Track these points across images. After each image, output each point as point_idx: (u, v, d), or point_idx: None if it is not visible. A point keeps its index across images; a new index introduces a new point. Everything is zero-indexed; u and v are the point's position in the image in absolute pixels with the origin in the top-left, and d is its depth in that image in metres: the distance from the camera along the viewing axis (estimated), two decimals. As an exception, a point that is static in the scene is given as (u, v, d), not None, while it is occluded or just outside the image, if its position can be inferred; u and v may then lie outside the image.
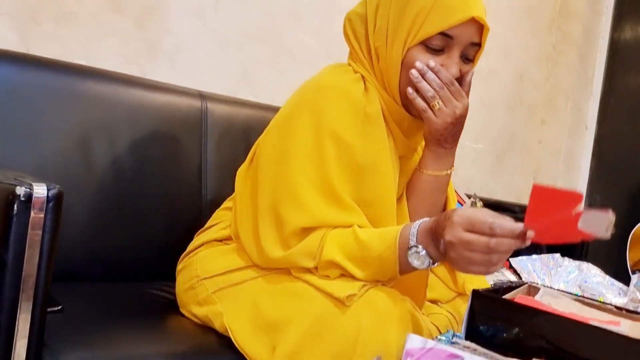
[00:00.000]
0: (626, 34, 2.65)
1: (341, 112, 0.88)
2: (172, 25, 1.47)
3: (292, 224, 0.85)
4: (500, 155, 2.44)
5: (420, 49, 0.89)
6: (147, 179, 1.19)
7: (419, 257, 0.79)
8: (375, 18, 0.93)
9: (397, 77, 0.91)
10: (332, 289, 0.80)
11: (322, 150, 0.87)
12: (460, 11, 0.86)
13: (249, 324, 0.85)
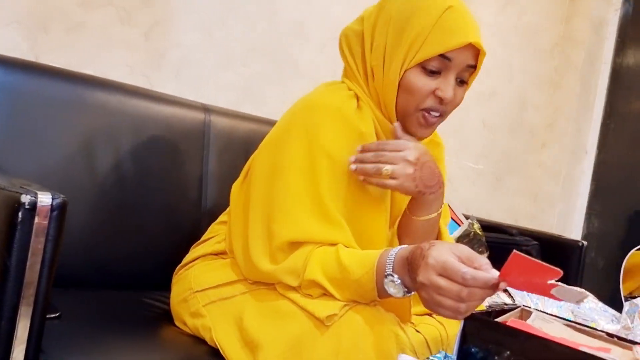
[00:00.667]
0: (629, 60, 2.67)
1: (334, 130, 0.89)
2: (179, 38, 1.49)
3: (281, 238, 0.86)
4: (500, 176, 2.46)
5: (417, 71, 0.89)
6: (149, 189, 1.21)
7: (394, 286, 0.78)
8: (372, 36, 0.93)
9: (394, 98, 0.92)
10: (313, 309, 0.80)
11: (314, 167, 0.87)
12: (459, 35, 0.87)
13: (235, 340, 0.86)
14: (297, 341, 0.79)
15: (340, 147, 0.89)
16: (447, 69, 0.90)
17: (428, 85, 0.90)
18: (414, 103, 0.91)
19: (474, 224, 1.50)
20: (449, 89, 0.90)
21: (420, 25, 0.88)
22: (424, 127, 0.94)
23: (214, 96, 1.56)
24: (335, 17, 1.79)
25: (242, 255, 0.93)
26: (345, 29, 0.99)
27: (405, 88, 0.90)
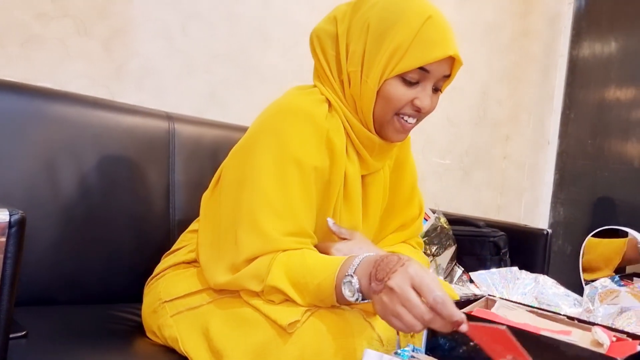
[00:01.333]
0: (584, 51, 2.75)
1: (304, 136, 0.89)
2: (139, 47, 1.48)
3: (248, 252, 0.85)
4: (466, 170, 2.50)
5: (397, 81, 0.90)
6: (115, 201, 1.20)
7: (351, 288, 0.76)
8: (348, 41, 0.92)
9: (372, 106, 0.92)
10: (275, 316, 0.80)
11: (285, 175, 0.87)
12: (440, 48, 0.88)
13: (201, 350, 0.85)
14: (262, 349, 0.79)
15: (309, 153, 0.89)
16: (426, 80, 0.91)
17: (407, 95, 0.91)
18: (391, 111, 0.92)
19: (441, 218, 1.53)
20: (427, 99, 0.92)
21: (400, 37, 0.88)
22: (400, 133, 0.95)
23: (178, 104, 1.55)
24: (297, 21, 1.81)
25: (207, 263, 0.93)
26: (317, 29, 0.98)
27: (383, 96, 0.91)
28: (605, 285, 0.91)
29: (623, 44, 2.91)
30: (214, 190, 1.02)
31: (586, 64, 2.75)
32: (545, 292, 0.96)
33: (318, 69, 0.98)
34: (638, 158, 3.13)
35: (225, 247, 0.89)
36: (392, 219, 1.10)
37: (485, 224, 1.62)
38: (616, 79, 2.92)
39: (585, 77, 2.74)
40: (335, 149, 0.92)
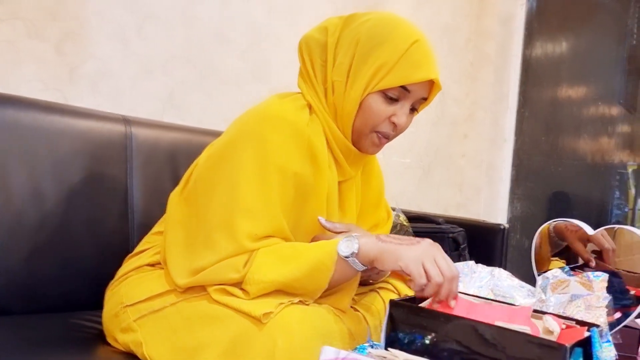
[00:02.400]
0: (537, 51, 2.85)
1: (285, 142, 0.91)
2: (93, 49, 1.46)
3: (219, 255, 0.86)
4: (426, 169, 2.55)
5: (378, 96, 0.94)
6: (70, 207, 1.17)
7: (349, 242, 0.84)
8: (336, 52, 0.96)
9: (352, 117, 0.96)
10: (248, 309, 0.81)
11: (265, 180, 0.88)
12: (423, 71, 0.93)
13: (169, 353, 0.85)
14: (234, 342, 0.79)
15: (291, 160, 0.91)
16: (405, 98, 0.95)
17: (386, 110, 0.95)
18: (370, 125, 0.96)
19: (400, 216, 1.56)
20: (404, 117, 0.96)
21: (387, 55, 0.92)
22: (375, 147, 1.00)
23: (135, 107, 1.53)
24: (255, 22, 1.81)
25: (175, 263, 0.92)
26: (307, 36, 1.01)
27: (364, 109, 0.95)
28: (556, 275, 0.95)
29: (573, 44, 3.03)
30: (183, 190, 1.01)
31: (539, 63, 2.85)
32: (500, 285, 0.99)
33: (303, 72, 1.01)
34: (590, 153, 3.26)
35: (197, 248, 0.89)
36: (363, 222, 1.13)
37: (445, 221, 1.66)
38: (567, 78, 3.04)
39: (538, 76, 2.83)
40: (317, 153, 0.94)
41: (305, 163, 0.93)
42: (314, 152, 0.94)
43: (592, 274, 0.92)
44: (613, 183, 3.54)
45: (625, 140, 3.59)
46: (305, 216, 0.95)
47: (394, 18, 0.97)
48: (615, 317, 0.94)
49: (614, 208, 3.59)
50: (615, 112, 3.42)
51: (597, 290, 0.90)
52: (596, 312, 0.88)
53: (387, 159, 2.34)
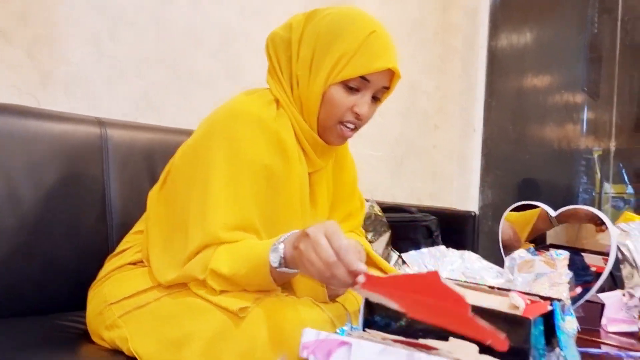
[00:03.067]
0: (502, 42, 2.92)
1: (254, 138, 0.93)
2: (66, 53, 1.46)
3: (192, 245, 0.88)
4: (399, 160, 2.60)
5: (339, 87, 0.96)
6: (49, 209, 1.18)
7: (276, 255, 0.81)
8: (299, 46, 0.99)
9: (317, 108, 0.98)
10: (225, 304, 0.84)
11: (235, 174, 0.91)
12: (381, 60, 0.95)
13: (154, 347, 0.87)
14: (216, 336, 0.82)
15: (261, 154, 0.94)
16: (366, 88, 0.98)
17: (347, 101, 0.97)
18: (334, 116, 0.98)
19: (374, 207, 1.60)
20: (365, 107, 0.98)
21: (346, 46, 0.94)
22: (340, 138, 1.02)
23: (110, 110, 1.54)
24: (226, 22, 1.82)
25: (158, 261, 0.95)
26: (273, 33, 1.04)
27: (327, 101, 0.97)
28: (522, 256, 1.01)
29: (537, 34, 3.11)
30: (162, 188, 1.04)
31: (504, 54, 2.93)
32: (470, 267, 1.04)
33: (270, 69, 1.04)
34: (557, 140, 3.36)
35: (177, 245, 0.92)
36: (337, 211, 1.16)
37: (418, 210, 1.71)
38: (532, 67, 3.12)
39: (504, 66, 2.91)
40: (286, 146, 0.97)
41: (275, 156, 0.96)
42: (282, 145, 0.97)
43: (555, 253, 0.98)
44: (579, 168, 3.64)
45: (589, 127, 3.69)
46: (279, 208, 0.98)
47: (353, 11, 1.00)
48: (577, 292, 1.00)
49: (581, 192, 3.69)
50: (579, 100, 3.52)
51: (560, 268, 0.96)
52: (559, 288, 0.94)
53: (360, 151, 2.38)
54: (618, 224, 1.14)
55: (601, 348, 0.98)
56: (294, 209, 1.00)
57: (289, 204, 0.99)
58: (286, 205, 0.99)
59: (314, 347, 0.62)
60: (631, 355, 0.95)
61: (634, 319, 1.08)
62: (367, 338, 0.65)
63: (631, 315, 1.08)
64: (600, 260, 1.09)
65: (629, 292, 1.08)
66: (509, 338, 0.69)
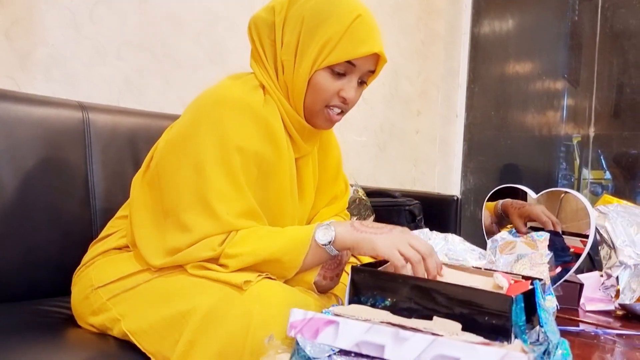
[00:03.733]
0: (485, 28, 2.94)
1: (243, 124, 0.93)
2: (45, 35, 1.43)
3: (200, 233, 0.88)
4: (382, 146, 2.61)
5: (326, 73, 0.96)
6: (31, 195, 1.17)
7: (325, 233, 0.87)
8: (283, 31, 0.98)
9: (303, 94, 0.98)
10: (228, 278, 0.84)
11: (228, 162, 0.91)
12: (367, 45, 0.95)
13: (148, 324, 0.88)
14: (211, 311, 0.82)
15: (250, 140, 0.93)
16: (352, 73, 0.98)
17: (334, 85, 0.97)
18: (320, 101, 0.98)
19: (359, 191, 1.61)
20: (352, 91, 0.99)
21: (331, 31, 0.94)
22: (328, 122, 1.02)
23: (91, 93, 1.52)
24: (208, 5, 1.80)
25: (147, 246, 0.94)
26: (255, 16, 1.02)
27: (313, 86, 0.97)
28: (503, 237, 1.02)
29: (518, 21, 3.13)
30: (145, 173, 1.03)
31: (487, 40, 2.94)
32: (454, 249, 1.06)
33: (254, 53, 1.03)
34: (538, 126, 3.40)
35: (170, 232, 0.91)
36: (322, 195, 1.17)
37: (401, 194, 1.73)
38: (514, 54, 3.14)
39: (486, 53, 2.93)
40: (275, 133, 0.97)
41: (265, 142, 0.96)
42: (271, 131, 0.96)
43: (536, 234, 1.00)
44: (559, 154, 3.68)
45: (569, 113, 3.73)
46: (270, 194, 0.98)
47: None
48: (556, 272, 1.02)
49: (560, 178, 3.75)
50: (560, 86, 3.56)
51: (540, 249, 0.98)
52: (540, 268, 0.96)
53: (344, 137, 2.39)
54: (597, 206, 1.16)
55: (579, 326, 1.01)
56: (285, 194, 1.00)
57: (280, 189, 0.99)
58: (277, 191, 0.99)
59: (301, 326, 0.63)
60: (608, 332, 0.97)
61: (610, 299, 1.11)
62: (353, 317, 0.66)
63: (608, 295, 1.11)
64: (578, 242, 1.11)
65: (607, 272, 1.11)
66: (492, 316, 0.71)
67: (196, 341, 0.81)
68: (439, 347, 0.58)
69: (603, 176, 3.48)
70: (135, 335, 0.89)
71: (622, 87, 2.78)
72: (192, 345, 0.82)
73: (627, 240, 1.08)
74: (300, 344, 0.62)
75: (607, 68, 3.00)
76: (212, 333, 0.81)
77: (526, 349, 0.61)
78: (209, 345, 0.81)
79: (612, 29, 2.88)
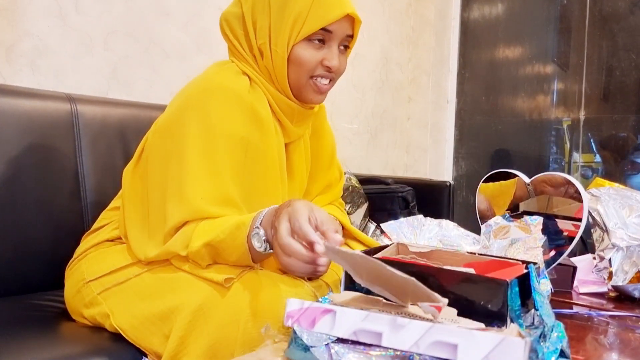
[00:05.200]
0: (474, 13, 2.93)
1: (229, 110, 0.92)
2: (30, 26, 1.41)
3: (174, 220, 0.87)
4: (373, 133, 2.61)
5: (304, 44, 0.96)
6: (20, 188, 1.15)
7: (258, 239, 0.82)
8: (254, 18, 0.97)
9: (285, 72, 0.97)
10: (210, 275, 0.84)
11: (212, 148, 0.90)
12: (337, 9, 0.95)
13: (138, 320, 0.87)
14: (202, 306, 0.82)
15: (236, 127, 0.92)
16: (330, 40, 0.97)
17: (315, 56, 0.97)
18: (305, 74, 0.98)
19: (352, 178, 1.61)
20: (334, 58, 0.98)
21: (301, 3, 0.94)
22: (317, 94, 1.01)
23: (78, 85, 1.50)
24: (195, -8, 1.78)
25: (139, 239, 0.94)
26: (225, 13, 1.02)
27: (294, 61, 0.96)
28: (497, 222, 1.03)
29: (508, 5, 3.12)
30: (137, 164, 1.02)
31: (476, 25, 2.93)
32: (448, 235, 1.06)
33: (231, 48, 1.02)
34: (528, 111, 3.41)
35: (156, 221, 0.91)
36: (315, 182, 1.16)
37: (394, 181, 1.73)
38: (504, 39, 3.14)
39: (476, 38, 2.92)
40: (262, 119, 0.96)
41: (252, 128, 0.95)
42: (258, 117, 0.96)
43: (529, 218, 1.00)
44: (550, 138, 3.70)
45: (559, 97, 3.75)
46: (257, 180, 0.98)
47: None
48: (550, 255, 1.03)
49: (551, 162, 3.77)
50: (550, 70, 3.57)
51: (534, 233, 0.98)
52: (534, 252, 0.96)
53: (335, 125, 2.38)
54: (589, 189, 1.17)
55: (573, 308, 1.02)
56: (273, 180, 1.00)
57: (268, 175, 0.99)
58: (265, 177, 0.98)
59: (298, 315, 0.63)
60: (601, 314, 0.98)
61: (603, 281, 1.12)
62: (350, 305, 0.66)
63: (601, 277, 1.11)
64: (571, 225, 1.12)
65: (599, 254, 1.11)
66: (487, 300, 0.71)
67: (187, 337, 0.81)
68: (437, 333, 0.58)
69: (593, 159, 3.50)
70: (126, 332, 0.89)
71: (611, 70, 2.79)
72: (182, 341, 0.81)
73: (619, 222, 1.08)
74: (298, 333, 0.62)
75: (596, 51, 3.00)
76: (203, 328, 0.81)
77: (523, 333, 0.61)
78: (200, 340, 0.80)
79: (601, 12, 2.88)
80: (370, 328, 0.60)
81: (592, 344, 0.87)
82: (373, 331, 0.60)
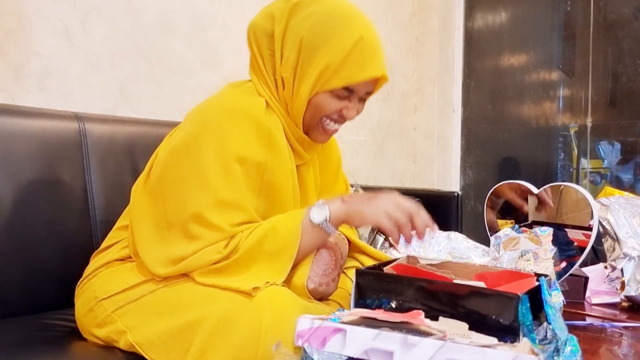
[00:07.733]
0: (478, 22, 2.94)
1: (245, 134, 0.92)
2: (37, 47, 1.42)
3: (201, 244, 0.88)
4: (380, 144, 2.61)
5: (326, 95, 0.96)
6: (29, 209, 1.16)
7: (319, 210, 0.89)
8: (283, 46, 0.96)
9: (302, 112, 0.98)
10: (236, 285, 0.84)
11: (230, 172, 0.90)
12: (368, 70, 0.94)
13: (155, 335, 0.87)
14: (222, 319, 0.82)
15: (251, 150, 0.93)
16: (353, 94, 0.98)
17: (336, 105, 0.98)
18: (320, 117, 0.99)
19: (359, 190, 1.61)
20: (353, 112, 1.00)
21: (331, 56, 0.92)
22: (323, 135, 1.02)
23: (86, 104, 1.51)
24: (200, 9, 1.80)
25: (151, 255, 0.93)
26: (254, 24, 1.00)
27: (314, 105, 0.97)
28: (507, 234, 1.02)
29: (511, 13, 3.13)
30: (146, 182, 1.02)
31: (480, 34, 2.94)
32: (457, 247, 1.05)
33: (253, 63, 1.02)
34: (534, 118, 3.40)
35: (174, 241, 0.91)
36: (321, 196, 1.16)
37: (401, 192, 1.72)
38: (508, 46, 3.14)
39: (480, 46, 2.92)
40: (278, 142, 0.96)
41: (267, 151, 0.95)
42: (273, 140, 0.96)
43: (539, 230, 0.99)
44: (557, 145, 3.68)
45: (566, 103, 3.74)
46: (273, 203, 0.98)
47: (339, 10, 0.96)
48: (561, 266, 1.02)
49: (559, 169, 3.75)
50: (555, 77, 3.56)
51: (544, 244, 0.98)
52: (544, 263, 0.95)
53: (342, 137, 2.38)
54: (599, 198, 1.16)
55: (586, 320, 1.01)
56: (288, 202, 1.00)
57: (284, 198, 0.99)
58: (280, 200, 0.99)
59: (308, 335, 0.63)
60: (614, 325, 0.97)
61: (616, 291, 1.10)
62: (361, 323, 0.66)
63: (613, 287, 1.10)
64: (581, 234, 1.11)
65: (611, 264, 1.10)
66: (499, 314, 0.71)
67: (208, 349, 0.81)
68: (448, 351, 0.57)
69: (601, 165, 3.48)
70: (143, 347, 0.88)
71: (617, 76, 2.78)
72: (203, 354, 0.81)
73: (630, 231, 1.07)
74: (308, 353, 0.61)
75: (601, 57, 2.99)
76: (224, 340, 0.80)
77: (536, 349, 0.61)
78: (222, 353, 0.80)
79: (606, 19, 2.87)
80: (382, 347, 0.60)
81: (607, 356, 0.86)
82: (384, 350, 0.59)
